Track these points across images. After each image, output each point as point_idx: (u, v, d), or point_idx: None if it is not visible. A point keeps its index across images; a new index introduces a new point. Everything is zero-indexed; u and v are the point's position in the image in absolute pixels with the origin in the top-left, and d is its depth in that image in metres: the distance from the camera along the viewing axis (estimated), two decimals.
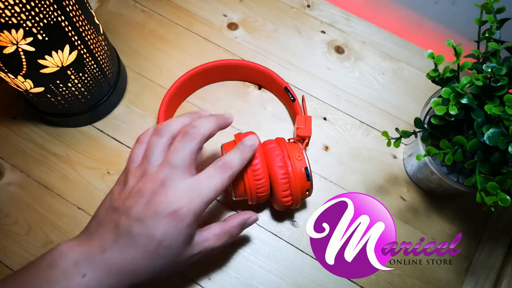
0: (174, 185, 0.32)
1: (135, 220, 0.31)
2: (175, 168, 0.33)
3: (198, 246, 0.33)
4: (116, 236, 0.31)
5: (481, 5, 0.35)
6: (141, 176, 0.33)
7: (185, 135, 0.34)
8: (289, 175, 0.37)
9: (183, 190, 0.32)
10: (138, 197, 0.32)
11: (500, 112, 0.31)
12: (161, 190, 0.32)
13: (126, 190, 0.33)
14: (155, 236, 0.31)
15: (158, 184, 0.32)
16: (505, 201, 0.30)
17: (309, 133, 0.42)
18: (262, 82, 0.50)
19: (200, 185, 0.33)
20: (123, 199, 0.32)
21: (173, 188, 0.32)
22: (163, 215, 0.31)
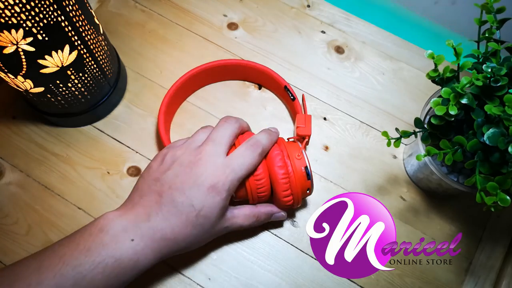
0: (213, 160, 0.35)
1: (177, 190, 0.34)
2: (217, 145, 0.36)
3: (228, 221, 0.37)
4: (160, 204, 0.34)
5: (481, 5, 0.35)
6: (182, 151, 0.36)
7: (226, 120, 0.39)
8: (289, 175, 0.38)
9: (219, 166, 0.35)
10: (179, 168, 0.35)
11: (500, 112, 0.31)
12: (201, 163, 0.35)
13: (166, 163, 0.36)
14: (195, 206, 0.34)
15: (198, 157, 0.35)
16: (505, 201, 0.30)
17: (309, 132, 0.42)
18: (262, 81, 0.50)
19: (234, 162, 0.36)
20: (163, 171, 0.36)
21: (212, 163, 0.35)
22: (202, 187, 0.34)
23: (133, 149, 0.47)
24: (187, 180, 0.34)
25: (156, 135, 0.48)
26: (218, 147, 0.36)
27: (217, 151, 0.36)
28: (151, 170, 0.37)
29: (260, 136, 0.38)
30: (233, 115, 0.49)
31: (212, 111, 0.49)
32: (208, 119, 0.49)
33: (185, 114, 0.49)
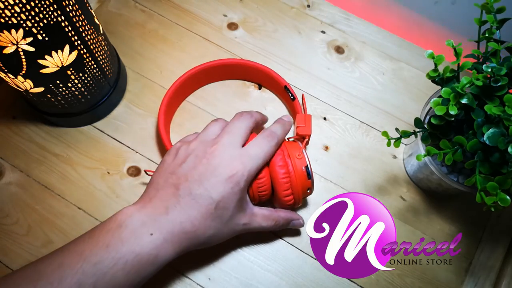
0: (230, 150, 0.35)
1: (194, 182, 0.34)
2: (233, 136, 0.36)
3: (247, 217, 0.36)
4: (177, 197, 0.34)
5: (481, 5, 0.35)
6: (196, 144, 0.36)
7: (242, 114, 0.39)
8: (290, 174, 0.38)
9: (236, 156, 0.35)
10: (195, 160, 0.35)
11: (500, 112, 0.31)
12: (217, 154, 0.35)
13: (180, 156, 0.36)
14: (213, 197, 0.33)
15: (213, 148, 0.35)
16: (505, 201, 0.30)
17: (309, 132, 0.42)
18: (261, 81, 0.50)
19: (251, 152, 0.36)
20: (179, 164, 0.35)
21: (228, 153, 0.35)
22: (220, 178, 0.34)
23: (133, 149, 0.47)
24: (204, 172, 0.34)
25: (156, 135, 0.48)
26: (234, 138, 0.36)
27: (233, 142, 0.36)
28: (166, 164, 0.36)
29: (275, 127, 0.38)
30: (233, 115, 0.49)
31: (212, 111, 0.49)
32: (208, 119, 0.49)
33: (185, 114, 0.49)
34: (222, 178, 0.34)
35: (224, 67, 0.49)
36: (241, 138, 0.37)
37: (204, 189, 0.34)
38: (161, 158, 0.47)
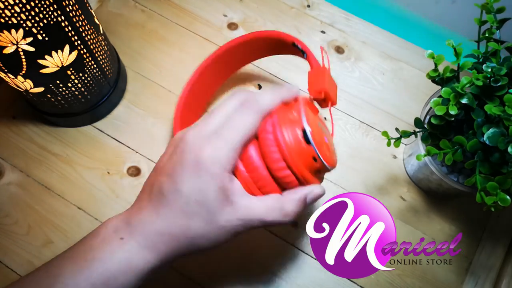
0: (201, 132, 0.28)
1: (165, 175, 0.28)
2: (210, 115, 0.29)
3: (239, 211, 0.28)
4: (149, 195, 0.29)
5: (481, 5, 0.35)
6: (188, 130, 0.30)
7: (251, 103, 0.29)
8: (278, 141, 0.28)
9: (206, 137, 0.28)
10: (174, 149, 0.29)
11: (500, 112, 0.31)
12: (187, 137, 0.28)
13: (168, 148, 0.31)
14: (182, 191, 0.27)
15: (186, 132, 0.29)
16: (505, 201, 0.30)
17: (323, 85, 0.31)
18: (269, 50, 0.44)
19: (223, 129, 0.28)
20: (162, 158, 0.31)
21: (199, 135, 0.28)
22: (187, 166, 0.27)
23: (133, 149, 0.47)
24: (176, 162, 0.28)
25: (156, 135, 0.48)
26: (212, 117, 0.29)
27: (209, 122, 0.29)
28: (161, 157, 0.31)
29: (260, 92, 0.30)
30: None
31: None
32: None
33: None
34: (189, 165, 0.27)
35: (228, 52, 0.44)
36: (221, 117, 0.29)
37: (173, 182, 0.28)
38: None
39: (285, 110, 0.30)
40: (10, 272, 0.42)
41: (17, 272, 0.42)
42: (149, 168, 0.46)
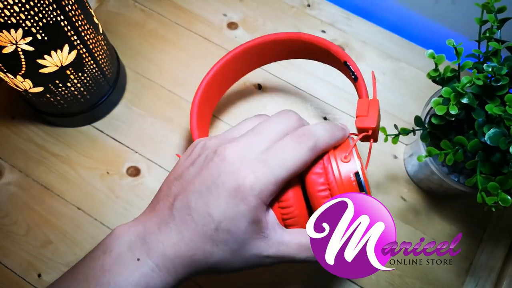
0: (244, 152, 0.26)
1: (194, 192, 0.26)
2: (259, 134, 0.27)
3: (271, 248, 0.26)
4: (172, 210, 0.26)
5: (481, 4, 0.35)
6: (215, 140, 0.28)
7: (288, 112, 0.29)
8: (331, 185, 0.27)
9: (250, 161, 0.25)
10: (203, 163, 0.27)
11: (501, 112, 0.31)
12: (227, 154, 0.26)
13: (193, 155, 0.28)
14: (212, 216, 0.25)
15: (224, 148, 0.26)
16: (506, 201, 0.30)
17: (373, 124, 0.29)
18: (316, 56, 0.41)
19: (271, 157, 0.26)
20: (187, 166, 0.27)
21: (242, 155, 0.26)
22: (222, 190, 0.25)
23: (132, 149, 0.47)
24: (207, 179, 0.26)
25: (156, 135, 0.48)
26: (258, 139, 0.27)
27: (253, 143, 0.26)
28: (177, 164, 0.29)
29: (316, 126, 0.28)
30: (233, 114, 0.49)
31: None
32: None
33: (183, 113, 0.49)
34: (224, 190, 0.25)
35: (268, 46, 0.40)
36: (268, 141, 0.27)
37: (203, 203, 0.25)
38: (161, 159, 0.47)
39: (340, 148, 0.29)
40: (9, 272, 0.42)
41: (16, 273, 0.42)
42: (149, 168, 0.46)
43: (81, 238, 0.43)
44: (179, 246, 0.25)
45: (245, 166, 0.25)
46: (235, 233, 0.25)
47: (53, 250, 0.43)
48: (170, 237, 0.26)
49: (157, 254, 0.26)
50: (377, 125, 0.30)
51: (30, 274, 0.42)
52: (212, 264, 0.26)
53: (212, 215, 0.25)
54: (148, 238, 0.26)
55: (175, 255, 0.25)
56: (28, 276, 0.42)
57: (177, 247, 0.25)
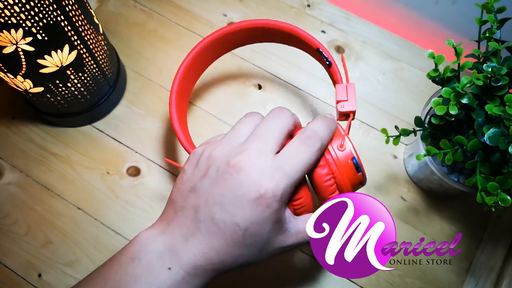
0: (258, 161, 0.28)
1: (216, 204, 0.27)
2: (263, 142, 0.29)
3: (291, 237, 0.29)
4: (197, 223, 0.28)
5: (481, 4, 0.35)
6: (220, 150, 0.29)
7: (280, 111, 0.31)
8: (335, 174, 0.30)
9: (266, 170, 0.27)
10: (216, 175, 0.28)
11: (500, 112, 0.31)
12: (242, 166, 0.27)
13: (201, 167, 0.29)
14: (239, 224, 0.27)
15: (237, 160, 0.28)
16: (505, 201, 0.30)
17: (353, 107, 0.32)
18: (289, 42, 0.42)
19: (286, 163, 0.28)
20: (199, 177, 0.29)
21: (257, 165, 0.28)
22: (245, 200, 0.27)
23: (132, 149, 0.47)
24: (227, 191, 0.27)
25: (156, 135, 0.48)
26: (265, 144, 0.28)
27: (264, 149, 0.28)
28: (185, 176, 0.30)
29: (316, 125, 0.30)
30: (233, 114, 0.49)
31: (211, 111, 0.49)
32: (208, 119, 0.49)
33: None
34: (247, 199, 0.27)
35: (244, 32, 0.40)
36: (275, 143, 0.29)
37: (227, 213, 0.27)
38: (161, 159, 0.47)
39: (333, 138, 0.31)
40: (9, 272, 0.42)
41: (16, 272, 0.42)
42: (149, 168, 0.46)
43: (81, 238, 0.43)
44: (210, 255, 0.28)
45: (264, 176, 0.27)
46: (261, 235, 0.28)
47: (53, 250, 0.43)
48: (199, 248, 0.28)
49: (187, 264, 0.27)
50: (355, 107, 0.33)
51: (30, 274, 0.42)
52: (241, 264, 0.29)
53: (238, 224, 0.27)
54: (177, 249, 0.28)
55: (206, 263, 0.28)
56: (28, 276, 0.42)
57: (208, 256, 0.28)
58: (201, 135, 0.48)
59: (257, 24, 0.39)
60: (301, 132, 0.30)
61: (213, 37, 0.40)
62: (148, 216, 0.44)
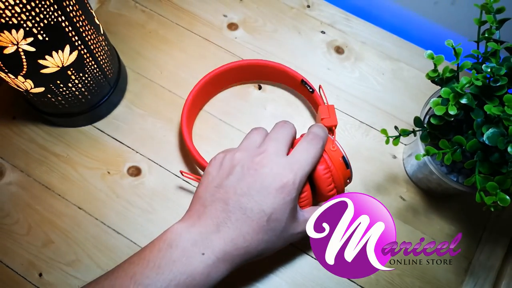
0: (277, 159, 0.34)
1: (244, 195, 0.32)
2: (278, 143, 0.35)
3: (301, 225, 0.35)
4: (228, 213, 0.32)
5: (480, 5, 0.35)
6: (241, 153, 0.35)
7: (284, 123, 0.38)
8: (330, 169, 0.37)
9: (285, 165, 0.33)
10: (242, 171, 0.33)
11: (499, 112, 0.31)
12: (265, 163, 0.33)
13: (225, 168, 0.34)
14: (265, 210, 0.32)
15: (260, 157, 0.34)
16: (504, 201, 0.30)
17: (335, 122, 0.42)
18: (276, 78, 0.50)
19: (300, 158, 0.34)
20: (225, 176, 0.34)
21: (276, 161, 0.33)
22: (270, 189, 0.32)
23: (133, 149, 0.47)
24: (253, 183, 0.33)
25: (156, 135, 0.48)
26: (280, 145, 0.35)
27: (279, 149, 0.35)
28: (211, 176, 0.35)
29: (317, 129, 0.37)
30: (233, 115, 0.49)
31: (212, 111, 0.49)
32: (208, 119, 0.49)
33: None
34: (272, 189, 0.32)
35: (237, 70, 0.48)
36: (286, 145, 0.36)
37: (254, 202, 0.32)
38: (162, 158, 0.47)
39: None
40: (10, 272, 0.42)
41: (17, 272, 0.42)
42: (149, 167, 0.46)
43: (82, 238, 0.43)
44: (238, 241, 0.32)
45: (284, 169, 0.33)
46: (282, 220, 0.33)
47: (54, 249, 0.43)
48: (229, 235, 0.32)
49: (219, 249, 0.32)
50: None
51: (31, 274, 0.42)
52: (261, 250, 0.33)
53: (264, 210, 0.32)
54: (210, 236, 0.32)
55: (234, 248, 0.32)
56: (29, 275, 0.42)
57: (236, 242, 0.32)
58: (201, 135, 0.48)
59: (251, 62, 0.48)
60: (306, 135, 0.37)
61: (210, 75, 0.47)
62: (149, 216, 0.44)
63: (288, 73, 0.48)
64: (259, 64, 0.48)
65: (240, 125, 0.49)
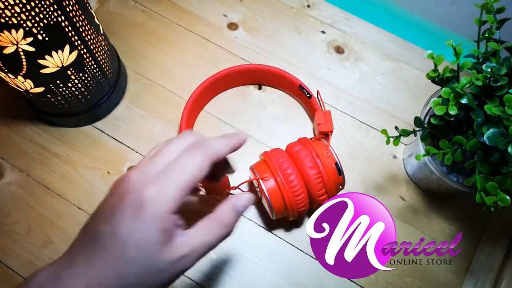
0: (144, 169, 0.26)
1: (103, 220, 0.25)
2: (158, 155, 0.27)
3: (183, 247, 0.26)
4: (83, 243, 0.26)
5: (481, 5, 0.35)
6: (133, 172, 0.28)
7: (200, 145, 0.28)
8: (322, 174, 0.38)
9: (151, 176, 0.26)
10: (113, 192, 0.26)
11: (500, 112, 0.31)
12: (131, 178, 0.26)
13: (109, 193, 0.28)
14: (119, 235, 0.24)
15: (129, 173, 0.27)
16: (504, 201, 0.30)
17: (331, 128, 0.43)
18: (275, 83, 0.51)
19: (171, 168, 0.26)
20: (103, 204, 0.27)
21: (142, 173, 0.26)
22: (126, 208, 0.25)
23: (133, 149, 0.47)
24: (112, 204, 0.25)
25: (156, 135, 0.48)
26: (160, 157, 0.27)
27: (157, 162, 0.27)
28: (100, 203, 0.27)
29: (210, 138, 0.29)
30: (233, 115, 0.49)
31: (212, 111, 0.49)
32: (208, 120, 0.49)
33: None
34: (129, 206, 0.25)
35: (237, 74, 0.49)
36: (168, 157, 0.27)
37: (110, 225, 0.25)
38: None
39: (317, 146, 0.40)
40: (10, 272, 0.42)
41: (17, 272, 0.42)
42: None
43: None
44: (88, 277, 0.24)
45: (148, 182, 0.25)
46: (145, 247, 0.25)
47: (54, 249, 0.43)
48: (79, 269, 0.25)
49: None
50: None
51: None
52: (129, 287, 0.25)
53: (118, 235, 0.24)
54: (60, 274, 0.25)
55: (85, 286, 0.24)
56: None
57: (86, 278, 0.24)
58: None
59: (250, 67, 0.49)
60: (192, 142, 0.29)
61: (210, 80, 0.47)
62: None
63: (286, 78, 0.48)
64: (258, 69, 0.49)
65: (240, 125, 0.49)
